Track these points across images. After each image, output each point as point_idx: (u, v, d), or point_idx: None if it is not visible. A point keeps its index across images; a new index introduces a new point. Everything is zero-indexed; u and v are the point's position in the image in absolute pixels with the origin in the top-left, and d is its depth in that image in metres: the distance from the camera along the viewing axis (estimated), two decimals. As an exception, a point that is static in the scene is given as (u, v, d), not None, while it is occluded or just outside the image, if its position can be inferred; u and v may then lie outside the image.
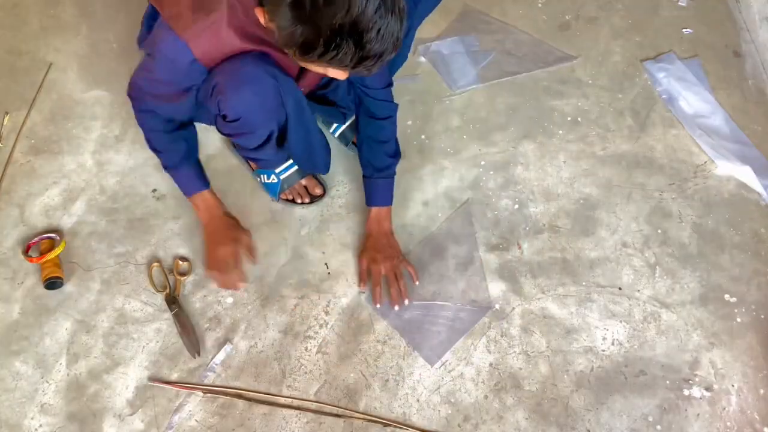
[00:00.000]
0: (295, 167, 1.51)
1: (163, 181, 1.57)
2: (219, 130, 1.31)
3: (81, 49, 1.84)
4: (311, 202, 1.55)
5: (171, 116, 1.31)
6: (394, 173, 1.46)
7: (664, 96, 1.74)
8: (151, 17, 1.27)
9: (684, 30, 1.88)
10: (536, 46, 1.85)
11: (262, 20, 1.00)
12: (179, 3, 1.09)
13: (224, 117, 1.23)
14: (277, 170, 1.49)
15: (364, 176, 1.46)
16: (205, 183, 1.40)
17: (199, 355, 1.35)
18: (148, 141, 1.34)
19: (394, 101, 1.43)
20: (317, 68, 1.00)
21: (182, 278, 1.43)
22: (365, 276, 1.43)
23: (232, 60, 1.14)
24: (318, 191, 1.55)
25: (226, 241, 1.37)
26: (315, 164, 1.49)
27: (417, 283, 1.43)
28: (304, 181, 1.53)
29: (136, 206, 1.55)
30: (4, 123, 1.68)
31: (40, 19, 1.90)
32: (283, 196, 1.54)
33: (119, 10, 1.92)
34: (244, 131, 1.27)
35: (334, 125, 1.62)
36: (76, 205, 1.55)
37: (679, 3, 1.95)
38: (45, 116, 1.70)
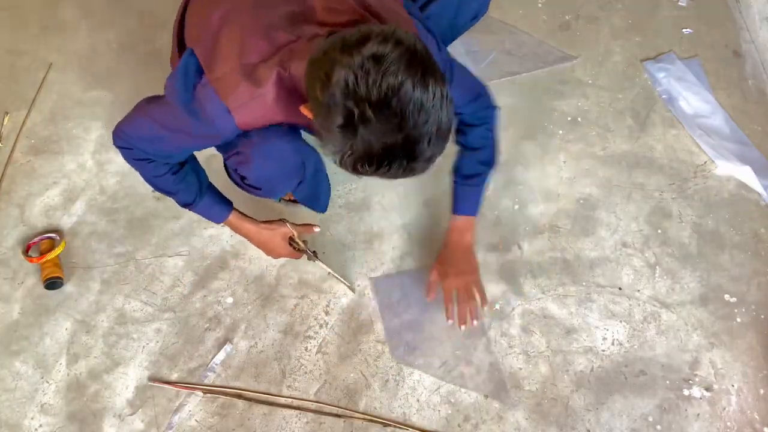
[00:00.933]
0: None
1: (163, 181, 1.58)
2: (232, 180, 1.26)
3: (81, 49, 1.84)
4: None
5: (171, 158, 1.21)
6: (484, 182, 1.35)
7: (664, 96, 1.74)
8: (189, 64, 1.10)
9: (684, 30, 1.88)
10: (536, 46, 1.85)
11: (309, 114, 0.95)
12: (227, 61, 1.01)
13: (243, 178, 1.21)
14: None
15: (453, 183, 1.36)
16: (228, 205, 1.32)
17: (354, 292, 1.42)
18: (154, 186, 1.25)
19: (492, 105, 1.35)
20: None
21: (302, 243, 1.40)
22: (434, 288, 1.36)
23: (262, 131, 1.10)
24: None
25: (277, 248, 1.36)
26: (315, 206, 1.49)
27: (485, 308, 1.37)
28: None
29: (136, 206, 1.55)
30: (4, 123, 1.68)
31: (40, 19, 1.90)
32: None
33: (119, 10, 1.92)
34: (259, 195, 1.26)
35: None
36: (76, 205, 1.55)
37: (679, 3, 1.95)
38: (45, 116, 1.70)
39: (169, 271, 1.46)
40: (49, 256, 1.42)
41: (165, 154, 1.17)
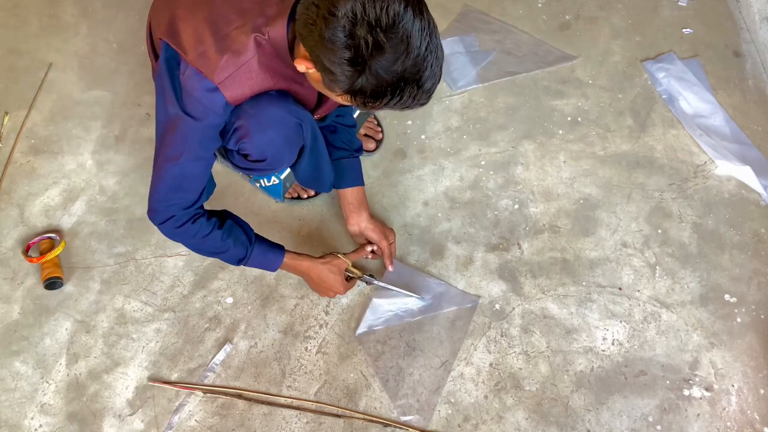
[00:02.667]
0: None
1: (163, 181, 1.57)
2: (234, 165, 1.25)
3: (81, 49, 1.84)
4: (316, 194, 1.55)
5: (203, 189, 1.19)
6: (362, 153, 1.46)
7: (664, 96, 1.74)
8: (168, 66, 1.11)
9: (684, 30, 1.88)
10: (536, 46, 1.84)
11: (302, 68, 0.97)
12: (202, 43, 1.03)
13: (245, 156, 1.20)
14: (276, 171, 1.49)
15: (334, 158, 1.41)
16: (280, 248, 1.31)
17: (424, 301, 1.41)
18: (205, 250, 1.24)
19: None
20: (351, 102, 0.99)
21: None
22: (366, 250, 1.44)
23: (253, 102, 1.10)
24: None
25: (335, 284, 1.35)
26: (320, 185, 1.47)
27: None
28: None
29: (136, 206, 1.55)
30: (4, 123, 1.68)
31: (40, 19, 1.90)
32: (287, 195, 1.54)
33: (119, 10, 1.92)
34: (269, 168, 1.25)
35: None
36: (76, 205, 1.55)
37: (679, 3, 1.95)
38: (45, 116, 1.70)
39: (169, 271, 1.46)
40: (49, 256, 1.42)
41: (196, 187, 1.16)
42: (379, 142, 1.63)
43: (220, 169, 1.59)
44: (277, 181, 1.50)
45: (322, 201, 1.56)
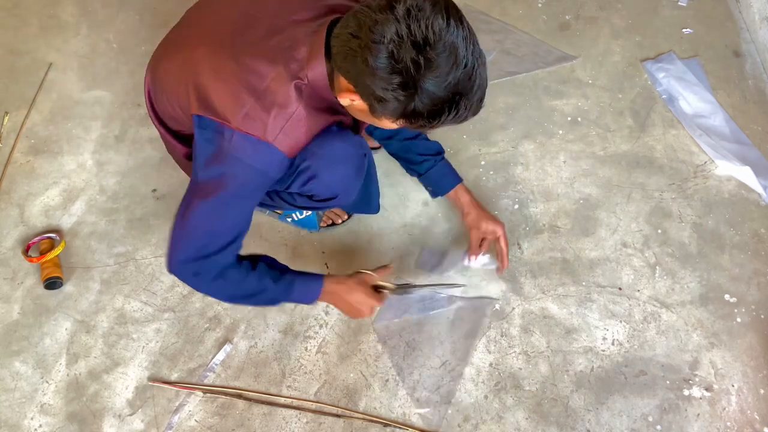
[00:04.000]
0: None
1: (163, 181, 1.58)
2: (290, 205, 1.22)
3: (81, 49, 1.84)
4: (349, 218, 1.52)
5: (238, 236, 1.10)
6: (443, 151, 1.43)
7: (664, 96, 1.74)
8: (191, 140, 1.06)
9: (684, 30, 1.88)
10: (536, 46, 1.85)
11: (347, 102, 0.94)
12: (243, 105, 0.97)
13: (310, 197, 1.17)
14: None
15: (424, 171, 1.40)
16: (318, 280, 1.22)
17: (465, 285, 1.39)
18: (243, 298, 1.17)
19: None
20: (395, 125, 0.97)
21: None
22: (480, 247, 1.40)
23: (317, 141, 1.06)
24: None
25: (366, 301, 1.25)
26: (370, 207, 1.45)
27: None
28: None
29: (136, 206, 1.55)
30: (4, 123, 1.68)
31: (40, 19, 1.90)
32: (322, 224, 1.51)
33: (119, 10, 1.92)
34: (332, 205, 1.22)
35: None
36: (76, 205, 1.55)
37: (679, 3, 1.95)
38: (45, 116, 1.70)
39: (169, 271, 1.46)
40: (48, 256, 1.42)
41: (231, 235, 1.07)
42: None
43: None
44: (310, 213, 1.47)
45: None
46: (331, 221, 1.52)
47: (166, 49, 1.14)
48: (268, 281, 1.15)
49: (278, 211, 1.51)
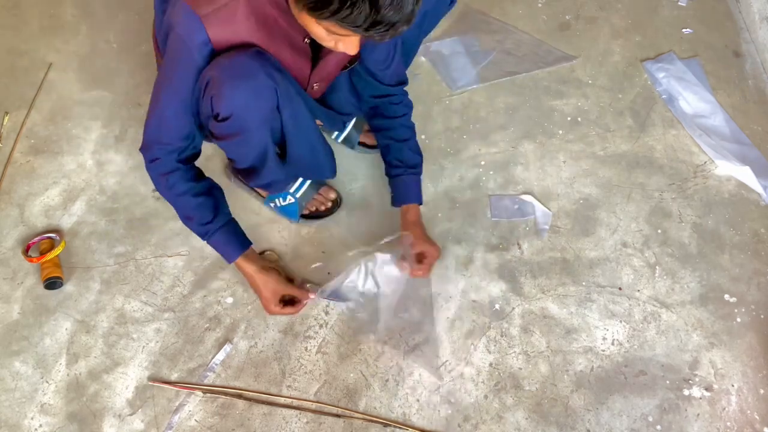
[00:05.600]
0: (309, 182, 1.49)
1: (163, 181, 1.58)
2: (212, 134, 1.22)
3: (81, 49, 1.84)
4: (332, 210, 1.52)
5: (186, 137, 1.21)
6: (421, 172, 1.44)
7: (664, 96, 1.74)
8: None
9: (684, 30, 1.88)
10: (536, 46, 1.85)
11: None
12: None
13: (216, 116, 1.16)
14: (291, 190, 1.47)
15: (392, 176, 1.43)
16: (245, 242, 1.32)
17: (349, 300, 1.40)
18: (178, 209, 1.27)
19: (409, 100, 1.44)
20: (325, 36, 0.98)
21: (275, 264, 1.43)
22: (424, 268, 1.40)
23: (229, 53, 1.09)
24: (332, 195, 1.53)
25: (267, 306, 1.34)
26: (322, 171, 1.45)
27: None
28: (318, 192, 1.52)
29: (136, 206, 1.55)
30: (4, 123, 1.68)
31: (40, 19, 1.90)
32: (304, 212, 1.51)
33: (119, 10, 1.92)
34: (237, 132, 1.18)
35: (335, 133, 1.62)
36: (76, 205, 1.55)
37: (679, 3, 1.95)
38: (45, 116, 1.70)
39: (169, 271, 1.46)
40: (48, 256, 1.42)
41: (176, 130, 1.18)
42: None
43: (221, 168, 1.59)
44: (293, 200, 1.48)
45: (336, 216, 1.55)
46: (314, 208, 1.51)
47: None
48: (200, 210, 1.26)
49: (262, 194, 1.51)
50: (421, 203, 1.44)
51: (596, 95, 1.75)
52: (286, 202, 1.49)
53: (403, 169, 1.42)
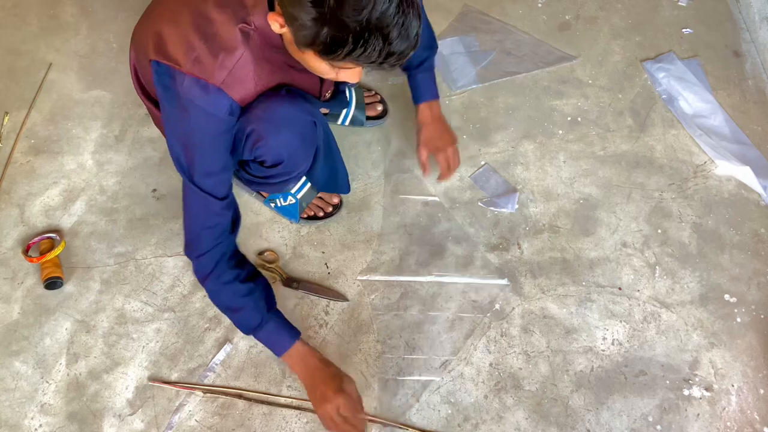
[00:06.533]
0: (310, 183, 1.49)
1: (163, 181, 1.58)
2: (252, 178, 1.25)
3: (81, 49, 1.84)
4: (332, 213, 1.52)
5: (221, 227, 1.16)
6: (433, 66, 1.48)
7: (664, 96, 1.74)
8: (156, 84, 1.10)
9: (684, 30, 1.88)
10: (536, 46, 1.85)
11: (276, 27, 0.96)
12: (194, 49, 1.01)
13: (262, 163, 1.19)
14: (293, 190, 1.47)
15: (408, 77, 1.49)
16: (295, 333, 1.23)
17: (347, 300, 1.41)
18: (216, 299, 1.21)
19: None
20: (328, 70, 0.98)
21: (274, 264, 1.45)
22: (427, 166, 1.50)
23: (263, 103, 1.09)
24: (335, 200, 1.53)
25: (332, 395, 1.17)
26: (338, 186, 1.48)
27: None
28: (319, 194, 1.52)
29: (136, 206, 1.55)
30: (4, 123, 1.68)
31: (40, 19, 1.90)
32: (303, 215, 1.51)
33: (119, 10, 1.92)
34: (284, 173, 1.24)
35: (342, 114, 1.62)
36: (76, 205, 1.55)
37: (679, 3, 1.95)
38: (45, 116, 1.70)
39: (169, 271, 1.46)
40: (49, 256, 1.42)
41: (219, 207, 1.14)
42: (383, 104, 1.65)
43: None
44: (294, 201, 1.48)
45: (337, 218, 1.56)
46: (312, 213, 1.52)
47: (141, 18, 1.20)
48: (248, 301, 1.18)
49: (264, 194, 1.52)
50: (434, 98, 1.49)
51: (596, 95, 1.75)
52: (287, 202, 1.49)
53: (411, 68, 1.46)
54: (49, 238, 1.48)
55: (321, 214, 1.52)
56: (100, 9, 1.92)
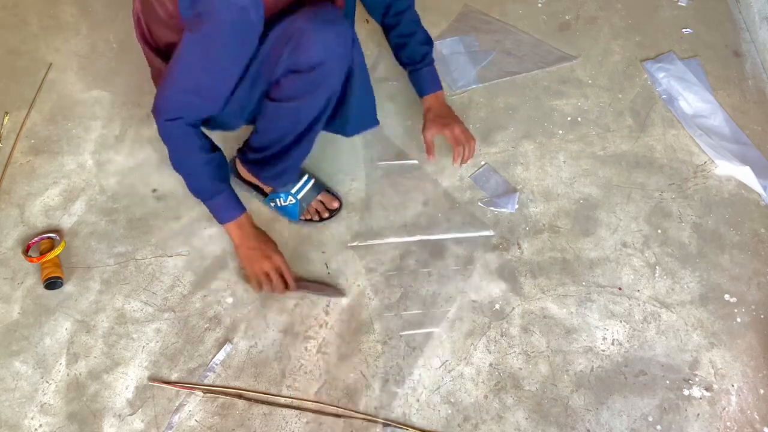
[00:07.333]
0: (312, 182, 1.50)
1: (163, 181, 1.58)
2: (276, 102, 1.25)
3: (81, 49, 1.84)
4: (330, 216, 1.52)
5: (201, 113, 1.23)
6: (433, 60, 1.55)
7: (664, 96, 1.75)
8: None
9: (684, 30, 1.88)
10: (536, 46, 1.85)
11: None
12: None
13: (298, 72, 1.18)
14: (293, 190, 1.48)
15: (408, 73, 1.56)
16: (243, 207, 1.36)
17: (345, 295, 1.43)
18: (177, 160, 1.27)
19: None
20: None
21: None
22: (432, 145, 1.53)
23: (306, 9, 1.14)
24: (335, 204, 1.52)
25: (265, 255, 1.36)
26: (370, 118, 1.46)
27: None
28: (320, 197, 1.52)
29: (136, 206, 1.55)
30: (4, 123, 1.68)
31: (40, 19, 1.90)
32: (303, 217, 1.51)
33: (119, 9, 1.92)
34: (318, 83, 1.21)
35: None
36: (76, 205, 1.55)
37: (679, 3, 1.95)
38: (45, 116, 1.70)
39: (169, 271, 1.46)
40: (49, 256, 1.42)
41: (216, 97, 1.20)
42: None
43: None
44: (294, 201, 1.48)
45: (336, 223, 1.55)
46: (310, 217, 1.51)
47: None
48: (202, 170, 1.27)
49: (266, 190, 1.52)
50: (437, 90, 1.55)
51: (596, 95, 1.75)
52: (287, 202, 1.49)
53: (413, 64, 1.54)
54: (49, 238, 1.48)
55: (317, 218, 1.51)
56: (100, 9, 1.92)
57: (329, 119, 1.33)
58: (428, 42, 1.54)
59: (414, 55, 1.53)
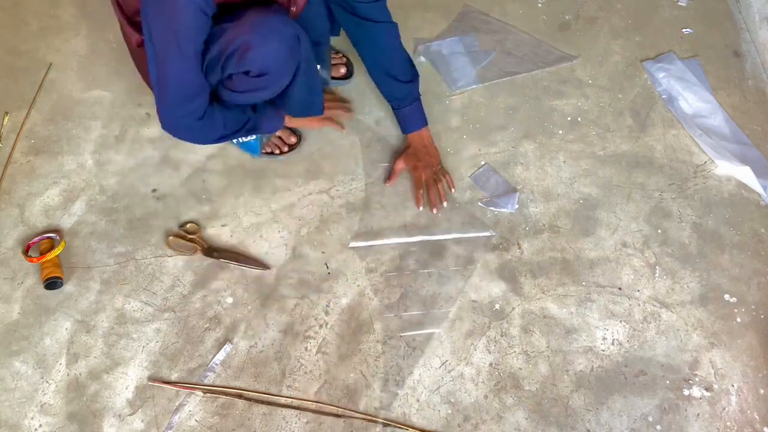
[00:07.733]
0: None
1: (163, 181, 1.58)
2: (230, 91, 1.29)
3: (81, 49, 1.84)
4: (290, 150, 1.60)
5: (200, 108, 1.29)
6: (418, 96, 1.56)
7: (664, 96, 1.74)
8: None
9: (684, 30, 1.88)
10: (536, 46, 1.85)
11: None
12: None
13: (247, 73, 1.23)
14: None
15: (393, 108, 1.57)
16: (282, 114, 1.47)
17: (269, 268, 1.45)
18: (224, 135, 1.36)
19: (391, 20, 1.48)
20: None
21: (196, 236, 1.48)
22: (396, 175, 1.56)
23: (247, 15, 1.17)
24: (293, 139, 1.60)
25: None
26: (313, 106, 1.51)
27: (453, 190, 1.55)
28: (278, 132, 1.58)
29: (136, 206, 1.55)
30: (4, 123, 1.68)
31: (40, 19, 1.90)
32: (264, 151, 1.59)
33: (119, 10, 1.92)
34: (266, 86, 1.28)
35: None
36: (76, 205, 1.55)
37: (679, 3, 1.95)
38: (45, 116, 1.70)
39: (169, 271, 1.46)
40: (49, 256, 1.42)
41: (201, 87, 1.24)
42: (347, 67, 1.69)
43: (223, 169, 1.59)
44: (255, 137, 1.54)
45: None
46: (270, 150, 1.59)
47: None
48: (248, 111, 1.37)
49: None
50: (420, 128, 1.56)
51: (596, 95, 1.75)
52: (248, 138, 1.54)
53: (396, 102, 1.55)
54: (49, 238, 1.48)
55: (277, 151, 1.59)
56: (100, 9, 1.92)
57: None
58: (412, 79, 1.53)
59: (395, 93, 1.54)
